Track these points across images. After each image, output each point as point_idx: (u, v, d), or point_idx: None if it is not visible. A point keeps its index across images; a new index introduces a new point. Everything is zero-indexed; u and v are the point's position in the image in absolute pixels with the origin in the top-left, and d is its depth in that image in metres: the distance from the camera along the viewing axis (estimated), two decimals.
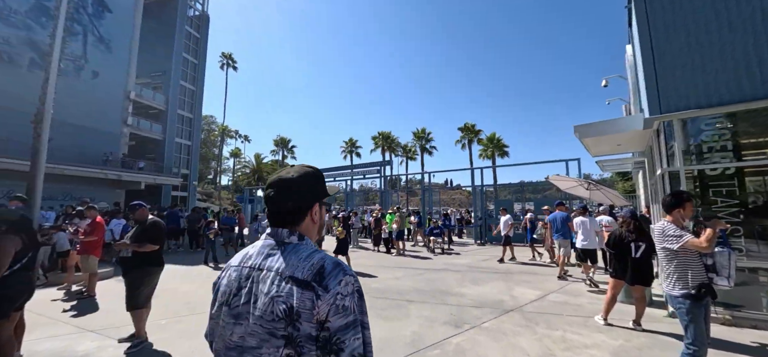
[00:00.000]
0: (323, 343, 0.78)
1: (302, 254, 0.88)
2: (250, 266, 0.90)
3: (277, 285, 0.83)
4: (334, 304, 0.80)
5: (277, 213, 0.97)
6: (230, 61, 46.82)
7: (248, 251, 0.97)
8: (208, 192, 54.71)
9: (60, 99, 17.75)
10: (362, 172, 20.76)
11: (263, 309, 0.82)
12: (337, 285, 0.82)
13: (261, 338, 0.81)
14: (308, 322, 0.78)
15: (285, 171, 1.00)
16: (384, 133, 41.35)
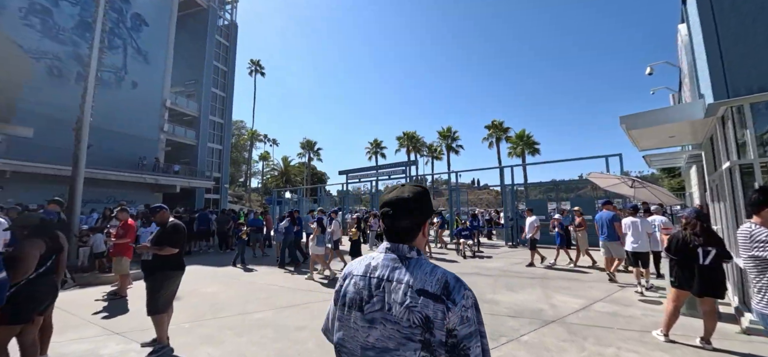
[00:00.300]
0: (451, 347, 0.92)
1: (426, 269, 1.01)
2: (378, 277, 1.03)
3: (410, 297, 0.95)
4: (460, 316, 0.93)
5: (395, 230, 1.08)
6: (258, 67, 48.30)
7: (370, 263, 1.08)
8: (239, 194, 56.71)
9: (103, 109, 18.90)
10: (387, 172, 20.50)
11: (399, 316, 0.95)
12: (462, 299, 0.95)
13: (399, 341, 0.94)
14: (440, 330, 0.92)
15: (400, 191, 1.11)
16: (409, 133, 40.93)
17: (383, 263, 1.06)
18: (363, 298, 1.03)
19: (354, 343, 1.02)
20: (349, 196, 25.57)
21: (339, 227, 8.95)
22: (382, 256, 1.08)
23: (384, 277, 1.02)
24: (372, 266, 1.07)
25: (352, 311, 1.04)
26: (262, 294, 6.23)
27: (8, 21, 17.59)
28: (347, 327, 1.05)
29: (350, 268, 1.14)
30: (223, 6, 36.10)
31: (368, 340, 0.99)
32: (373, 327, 0.99)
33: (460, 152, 37.72)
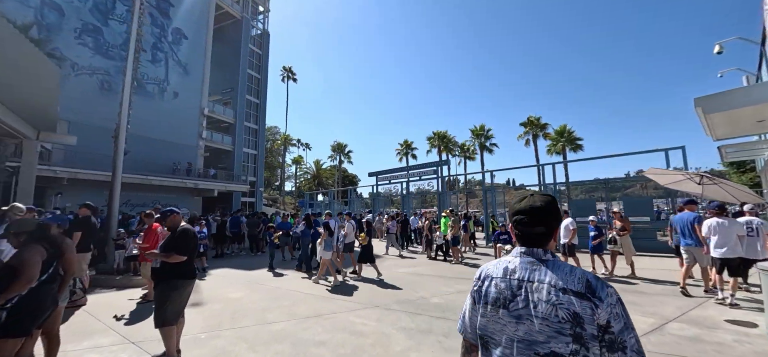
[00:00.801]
0: (609, 343, 1.00)
1: (565, 270, 1.11)
2: (518, 279, 1.14)
3: (555, 295, 1.06)
4: (611, 312, 1.01)
5: (529, 235, 1.19)
6: (290, 73, 49.59)
7: (507, 267, 1.19)
8: (273, 197, 58.59)
9: (148, 118, 20.00)
10: (418, 173, 19.85)
11: (547, 313, 1.05)
12: (607, 296, 1.03)
13: (549, 335, 1.04)
14: (591, 324, 1.01)
15: (532, 200, 1.19)
16: (439, 133, 39.86)
17: (521, 266, 1.16)
18: (506, 297, 1.14)
19: (503, 336, 1.13)
20: (379, 198, 25.17)
21: (353, 230, 8.59)
22: (517, 260, 1.19)
23: (524, 278, 1.13)
24: (510, 269, 1.18)
25: (498, 309, 1.15)
26: (286, 301, 5.91)
27: (65, 41, 19.22)
28: (495, 322, 1.15)
29: (486, 271, 1.26)
30: (255, 16, 37.40)
31: (517, 333, 1.09)
32: (521, 322, 1.09)
33: (494, 151, 36.05)
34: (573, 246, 8.08)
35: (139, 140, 23.05)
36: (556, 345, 1.02)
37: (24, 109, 7.26)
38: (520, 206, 1.20)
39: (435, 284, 7.18)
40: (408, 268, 9.28)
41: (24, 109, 7.26)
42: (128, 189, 21.94)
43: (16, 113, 7.08)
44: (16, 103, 6.82)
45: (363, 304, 5.67)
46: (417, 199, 27.39)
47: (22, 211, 4.89)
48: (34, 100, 6.67)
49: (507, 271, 1.18)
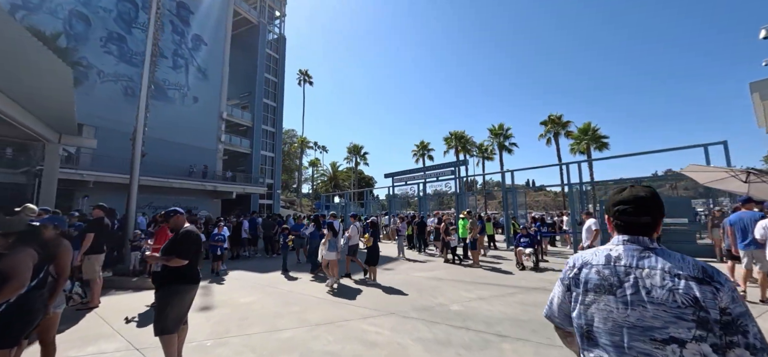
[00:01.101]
0: (726, 324, 0.99)
1: (676, 257, 1.12)
2: (625, 265, 1.15)
3: (671, 280, 1.06)
4: (731, 295, 1.01)
5: (635, 225, 1.21)
6: (306, 76, 50.08)
7: (609, 254, 1.21)
8: (291, 199, 59.29)
9: (169, 123, 20.47)
10: (435, 174, 19.38)
11: (663, 298, 1.05)
12: (726, 281, 1.04)
13: (666, 320, 1.03)
14: (713, 309, 1.00)
15: (635, 191, 1.23)
16: (456, 133, 39.11)
17: (627, 253, 1.18)
18: (612, 284, 1.15)
19: (609, 323, 1.13)
20: (396, 200, 24.80)
21: (357, 232, 8.34)
22: (621, 247, 1.21)
23: (632, 264, 1.15)
24: (614, 256, 1.20)
25: (601, 295, 1.16)
26: (297, 306, 5.65)
27: (91, 49, 19.98)
28: (599, 309, 1.16)
29: (583, 258, 1.27)
30: (272, 21, 37.94)
31: (628, 319, 1.09)
32: (632, 308, 1.09)
33: (513, 151, 34.93)
34: None
35: (161, 144, 23.73)
36: (675, 330, 1.02)
37: (44, 112, 7.39)
38: (622, 197, 1.24)
39: (454, 289, 6.75)
40: (425, 271, 8.89)
41: (44, 112, 7.39)
42: (151, 192, 22.58)
43: (36, 117, 7.23)
44: (36, 107, 6.95)
45: (378, 311, 5.33)
46: (434, 200, 26.82)
47: (34, 212, 4.85)
48: (51, 102, 6.76)
49: (610, 258, 1.20)
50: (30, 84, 5.84)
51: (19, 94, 6.66)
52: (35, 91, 6.08)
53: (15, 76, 5.70)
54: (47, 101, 6.76)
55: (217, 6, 29.02)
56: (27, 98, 6.62)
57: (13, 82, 6.12)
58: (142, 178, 20.82)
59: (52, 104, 6.90)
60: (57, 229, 3.18)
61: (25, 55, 4.88)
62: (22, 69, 5.24)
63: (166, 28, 24.64)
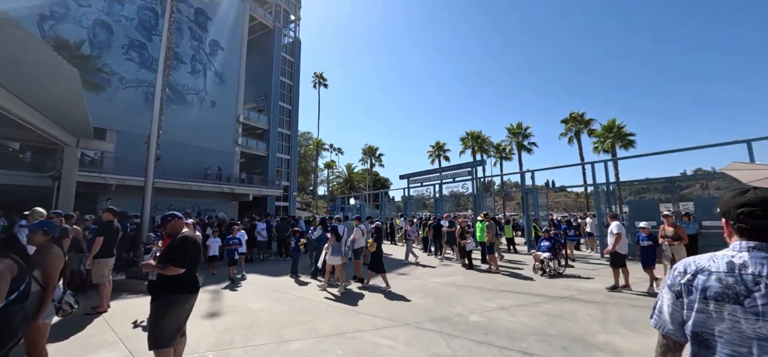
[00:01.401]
0: None
1: None
2: (755, 274, 1.08)
3: None
4: None
5: (763, 229, 1.13)
6: (321, 79, 50.39)
7: (732, 261, 1.13)
8: (307, 201, 59.73)
9: (188, 127, 20.80)
10: (452, 174, 18.87)
11: None
12: None
13: None
14: None
15: (763, 193, 1.15)
16: (473, 133, 38.28)
17: (754, 261, 1.10)
18: (739, 293, 1.08)
19: (734, 334, 1.07)
20: (411, 202, 24.33)
21: (362, 235, 8.05)
22: (746, 254, 1.13)
23: (761, 273, 1.07)
24: (738, 264, 1.12)
25: (725, 304, 1.09)
26: (307, 315, 5.38)
27: (114, 57, 20.60)
28: (721, 319, 1.09)
29: (697, 264, 1.19)
30: (287, 25, 38.33)
31: (759, 331, 1.03)
32: (765, 320, 1.03)
33: (533, 151, 33.78)
34: (619, 255, 6.88)
35: (180, 147, 24.24)
36: None
37: (60, 116, 7.48)
38: (746, 199, 1.17)
39: (473, 298, 6.32)
40: (442, 277, 8.47)
41: (60, 116, 7.48)
42: (171, 194, 23.07)
43: (52, 121, 7.33)
44: (51, 111, 7.04)
45: (391, 321, 4.99)
46: (451, 202, 26.08)
47: (42, 215, 4.80)
48: (63, 105, 6.81)
49: (733, 265, 1.13)
50: (42, 87, 5.86)
51: (35, 99, 6.74)
52: (45, 92, 6.13)
53: (29, 81, 5.74)
54: (60, 104, 6.82)
55: (234, 11, 29.50)
56: (42, 103, 6.69)
57: (27, 87, 6.19)
58: (162, 181, 21.35)
59: (66, 107, 6.97)
60: (46, 234, 3.01)
61: (33, 58, 4.85)
62: (32, 73, 5.23)
63: (185, 34, 25.20)
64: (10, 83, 6.19)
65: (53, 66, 5.02)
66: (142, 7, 22.77)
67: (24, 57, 4.80)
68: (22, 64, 5.03)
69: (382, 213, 28.61)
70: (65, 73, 5.24)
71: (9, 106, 6.46)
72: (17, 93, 6.61)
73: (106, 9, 20.58)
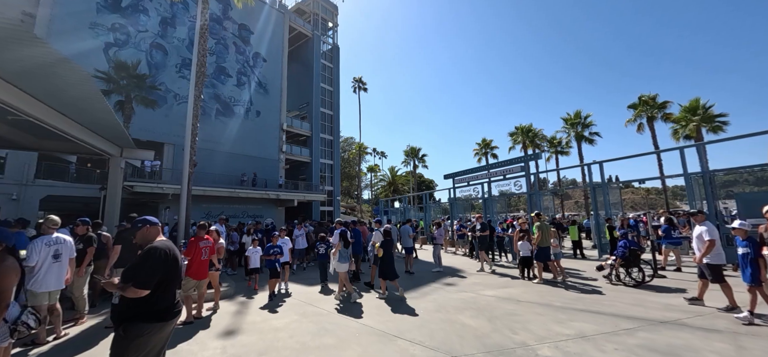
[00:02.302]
0: None
1: None
2: None
3: None
4: None
5: None
6: (360, 83, 50.52)
7: None
8: (351, 205, 60.26)
9: (235, 137, 21.54)
10: (502, 171, 17.12)
11: None
12: None
13: None
14: None
15: None
16: (523, 127, 35.35)
17: None
18: None
19: None
20: (457, 203, 22.81)
21: (381, 240, 7.17)
22: None
23: None
24: None
25: None
26: (332, 337, 4.52)
27: (168, 76, 22.12)
28: None
29: None
30: (325, 32, 38.89)
31: None
32: None
33: (596, 141, 29.98)
34: (714, 267, 5.07)
35: (228, 156, 25.36)
36: None
37: (99, 128, 7.61)
38: None
39: (540, 319, 4.99)
40: (497, 289, 7.15)
41: (99, 128, 7.61)
42: (221, 202, 24.15)
43: (91, 131, 7.50)
44: (92, 124, 7.18)
45: (435, 352, 3.92)
46: (501, 202, 23.73)
47: (56, 223, 4.54)
48: (94, 114, 6.85)
49: None
50: (72, 97, 5.83)
51: (77, 113, 6.81)
52: (73, 101, 6.14)
53: (66, 97, 5.75)
54: (90, 113, 6.88)
55: (274, 23, 30.47)
56: (80, 116, 6.77)
57: (69, 102, 6.24)
58: (211, 189, 22.31)
59: (98, 116, 7.01)
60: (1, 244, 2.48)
61: (52, 68, 4.72)
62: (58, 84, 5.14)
63: (230, 49, 26.47)
64: (54, 102, 6.30)
65: (70, 74, 4.85)
66: (192, 28, 24.27)
67: (47, 69, 4.70)
68: (45, 75, 4.96)
69: (426, 216, 27.34)
70: (83, 78, 5.08)
71: (54, 122, 6.62)
72: (62, 110, 6.74)
73: (160, 32, 22.25)
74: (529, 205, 14.94)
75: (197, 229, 5.60)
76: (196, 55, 9.96)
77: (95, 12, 19.50)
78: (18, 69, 5.15)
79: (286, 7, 33.09)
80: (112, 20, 20.13)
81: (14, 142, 7.74)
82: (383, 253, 6.71)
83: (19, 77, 5.42)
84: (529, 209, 14.85)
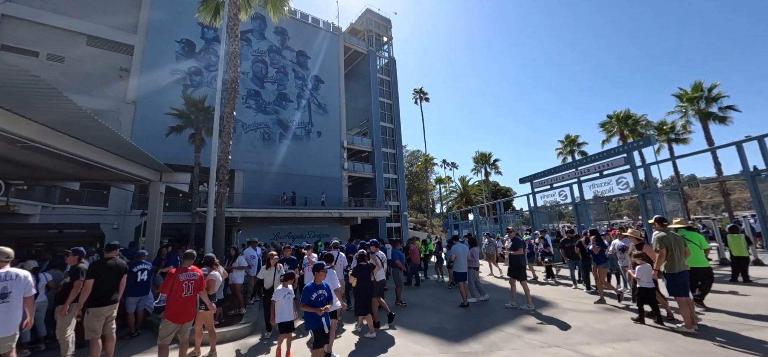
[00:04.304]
0: None
1: None
2: None
3: None
4: None
5: None
6: (421, 94, 49.04)
7: None
8: (421, 220, 58.13)
9: (298, 159, 21.75)
10: (596, 167, 13.49)
11: None
12: None
13: None
14: None
15: None
16: (619, 114, 29.18)
17: None
18: None
19: None
20: (538, 212, 19.18)
21: (380, 263, 6.22)
22: None
23: None
24: None
25: None
26: None
27: (236, 107, 23.77)
28: None
29: None
30: (380, 47, 38.67)
31: None
32: None
33: (731, 119, 22.53)
34: None
35: (292, 178, 25.99)
36: None
37: (136, 157, 7.57)
38: None
39: None
40: (613, 344, 4.53)
41: (136, 157, 7.57)
42: (288, 222, 24.68)
43: (132, 161, 7.55)
44: (131, 155, 7.18)
45: None
46: (597, 207, 18.87)
47: (8, 256, 3.84)
48: (129, 147, 6.79)
49: None
50: (100, 135, 5.68)
51: (110, 146, 6.73)
52: (107, 139, 6.07)
53: (96, 134, 5.63)
54: (126, 147, 6.84)
55: (328, 46, 31.21)
56: (116, 147, 6.71)
57: (103, 138, 6.17)
58: (276, 211, 22.83)
59: (132, 148, 6.92)
60: None
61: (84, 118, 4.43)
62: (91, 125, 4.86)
63: (290, 75, 27.65)
64: (91, 137, 6.22)
65: (65, 105, 4.62)
66: (255, 61, 26.04)
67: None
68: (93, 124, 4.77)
69: (502, 227, 23.88)
70: (77, 111, 4.83)
71: (96, 157, 6.61)
72: (101, 145, 6.70)
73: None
74: (643, 209, 11.18)
75: (182, 258, 4.51)
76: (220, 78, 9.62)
77: (175, 60, 22.05)
78: (61, 118, 5.38)
79: (340, 30, 33.74)
80: (189, 65, 22.52)
81: (64, 173, 8.25)
82: (357, 282, 5.66)
83: (68, 126, 5.68)
84: (644, 215, 11.11)
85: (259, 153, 24.51)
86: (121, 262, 4.70)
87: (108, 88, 19.81)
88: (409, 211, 61.15)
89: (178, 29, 22.43)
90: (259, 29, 26.75)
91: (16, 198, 14.15)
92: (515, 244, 6.83)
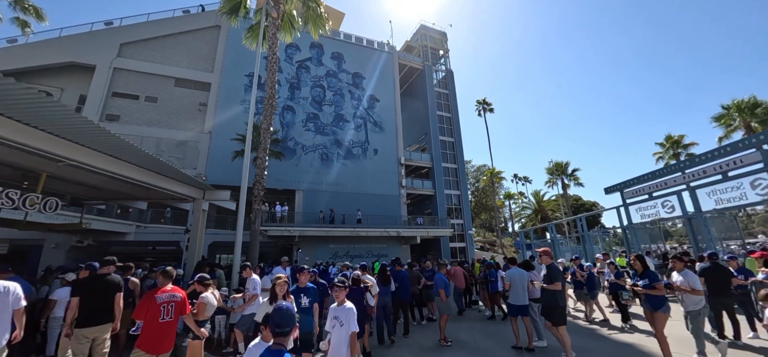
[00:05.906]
0: None
1: None
2: None
3: None
4: None
5: None
6: (485, 105, 46.30)
7: None
8: (490, 240, 53.70)
9: (356, 177, 21.80)
10: (716, 168, 10.28)
11: None
12: None
13: None
14: None
15: None
16: (740, 103, 23.03)
17: None
18: None
19: None
20: (634, 228, 15.54)
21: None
22: None
23: None
24: None
25: None
26: None
27: (297, 131, 25.06)
28: None
29: None
30: (437, 61, 37.70)
31: None
32: None
33: None
34: None
35: (350, 197, 26.05)
36: None
37: (180, 176, 7.87)
38: None
39: None
40: None
41: (180, 176, 7.87)
42: (347, 241, 24.58)
43: (177, 181, 7.87)
44: (175, 174, 7.49)
45: None
46: (720, 222, 14.38)
47: None
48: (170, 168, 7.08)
49: None
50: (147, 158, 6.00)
51: (155, 166, 7.04)
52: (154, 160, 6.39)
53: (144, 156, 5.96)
54: (169, 167, 7.13)
55: (384, 64, 31.41)
56: (161, 168, 7.01)
57: (148, 160, 6.49)
58: (335, 230, 22.86)
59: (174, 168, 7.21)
60: None
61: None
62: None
63: (346, 97, 28.35)
64: (144, 162, 6.58)
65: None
66: (313, 86, 27.35)
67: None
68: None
69: (587, 249, 20.10)
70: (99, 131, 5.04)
71: (138, 177, 6.97)
72: (148, 167, 7.06)
73: (289, 96, 25.92)
74: None
75: (160, 277, 4.01)
76: (254, 95, 9.67)
77: (244, 92, 24.28)
78: (91, 139, 5.81)
79: (395, 48, 33.85)
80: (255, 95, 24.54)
81: (125, 194, 9.03)
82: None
83: (120, 150, 6.08)
84: None
85: (318, 173, 25.24)
86: (115, 278, 4.42)
87: (190, 121, 22.62)
88: (477, 230, 57.09)
89: (247, 64, 24.78)
90: (316, 56, 28.24)
91: (115, 219, 16.44)
92: (550, 275, 4.95)
